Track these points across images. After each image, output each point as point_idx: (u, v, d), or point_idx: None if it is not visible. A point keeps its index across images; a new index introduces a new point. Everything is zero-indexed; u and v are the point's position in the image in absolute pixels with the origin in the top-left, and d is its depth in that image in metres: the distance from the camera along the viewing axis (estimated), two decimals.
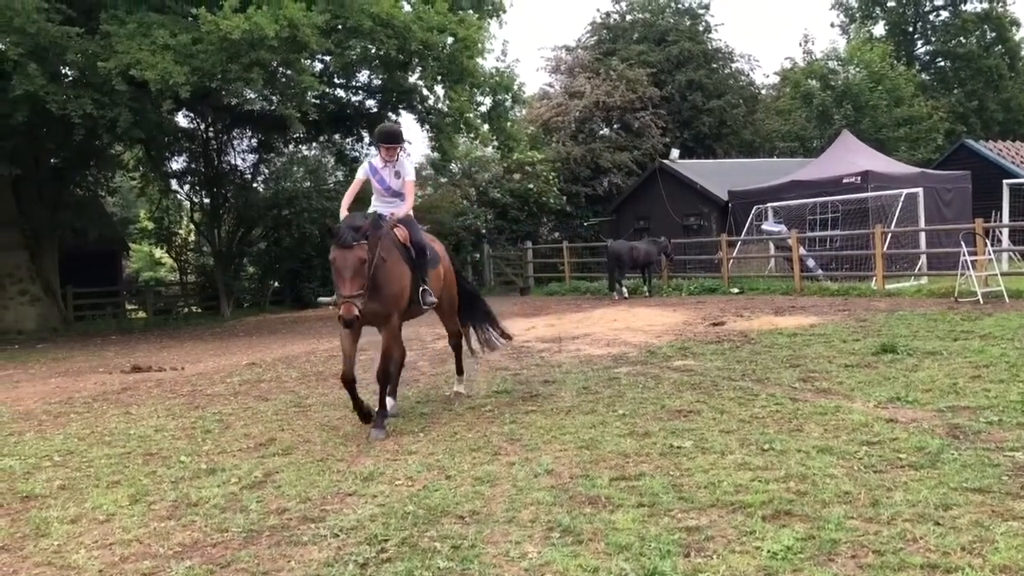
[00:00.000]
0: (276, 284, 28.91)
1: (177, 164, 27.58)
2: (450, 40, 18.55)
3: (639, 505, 4.77)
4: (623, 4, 36.09)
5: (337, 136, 26.07)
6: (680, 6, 36.15)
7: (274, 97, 19.63)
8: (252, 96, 21.58)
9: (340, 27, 17.79)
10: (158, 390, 10.59)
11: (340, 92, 23.84)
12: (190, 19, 16.72)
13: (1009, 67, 47.61)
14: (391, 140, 7.89)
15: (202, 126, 25.99)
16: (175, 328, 22.47)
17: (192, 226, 28.84)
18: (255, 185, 28.16)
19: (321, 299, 10.20)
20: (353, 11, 17.16)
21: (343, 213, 7.45)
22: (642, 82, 31.27)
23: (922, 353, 9.35)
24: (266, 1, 15.88)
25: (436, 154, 23.83)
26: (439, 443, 6.62)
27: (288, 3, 15.90)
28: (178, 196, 28.95)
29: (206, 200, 27.18)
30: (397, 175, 7.96)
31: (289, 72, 17.81)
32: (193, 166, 27.18)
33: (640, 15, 35.90)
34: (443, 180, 27.93)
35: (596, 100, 30.89)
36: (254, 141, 26.98)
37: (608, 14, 36.38)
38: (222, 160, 26.78)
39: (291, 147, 27.63)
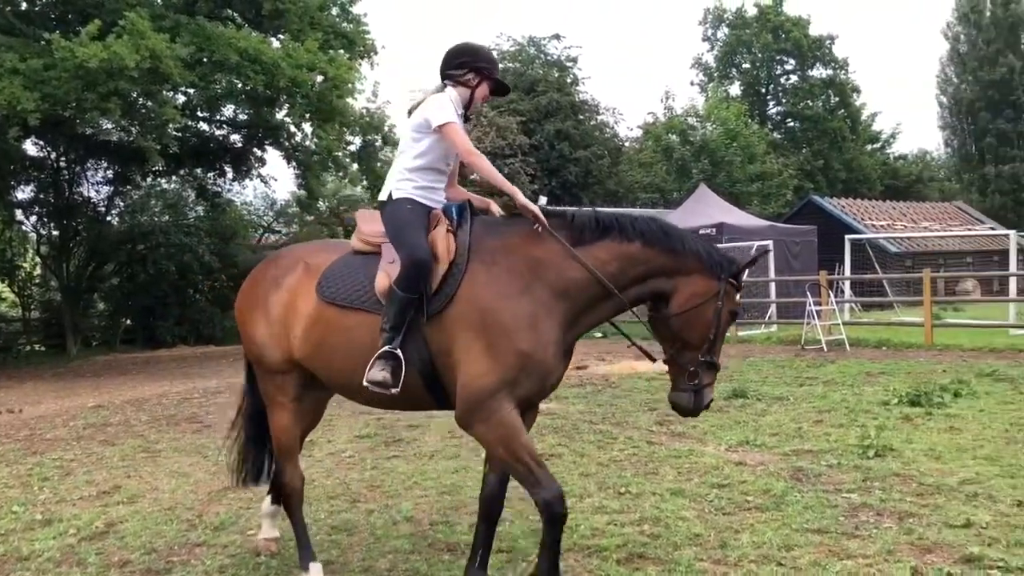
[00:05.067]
0: (128, 322, 27.55)
1: (23, 194, 26.00)
2: (320, 79, 18.40)
3: (498, 551, 4.76)
4: (494, 53, 36.85)
5: (199, 170, 25.30)
6: (549, 58, 37.16)
7: (133, 128, 18.86)
8: (109, 126, 20.69)
9: (205, 60, 17.36)
10: None
11: (203, 125, 23.21)
12: (42, 43, 15.95)
13: (851, 130, 51.25)
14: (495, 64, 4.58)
15: (53, 155, 24.67)
16: (15, 367, 21.03)
17: (38, 259, 27.19)
18: (109, 218, 26.89)
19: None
20: (219, 45, 16.79)
21: (510, 188, 4.11)
22: (512, 129, 31.84)
23: (770, 398, 9.80)
24: (127, 31, 15.34)
25: (302, 192, 23.49)
26: None
27: (151, 34, 15.41)
28: (23, 227, 27.28)
29: (55, 232, 25.72)
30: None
31: (150, 103, 17.20)
32: (41, 196, 25.68)
33: (510, 64, 36.65)
34: (309, 218, 27.47)
35: None
36: (110, 172, 25.81)
37: None
38: (74, 191, 25.47)
39: (149, 180, 26.56)
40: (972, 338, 17.05)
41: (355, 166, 22.37)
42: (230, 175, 25.56)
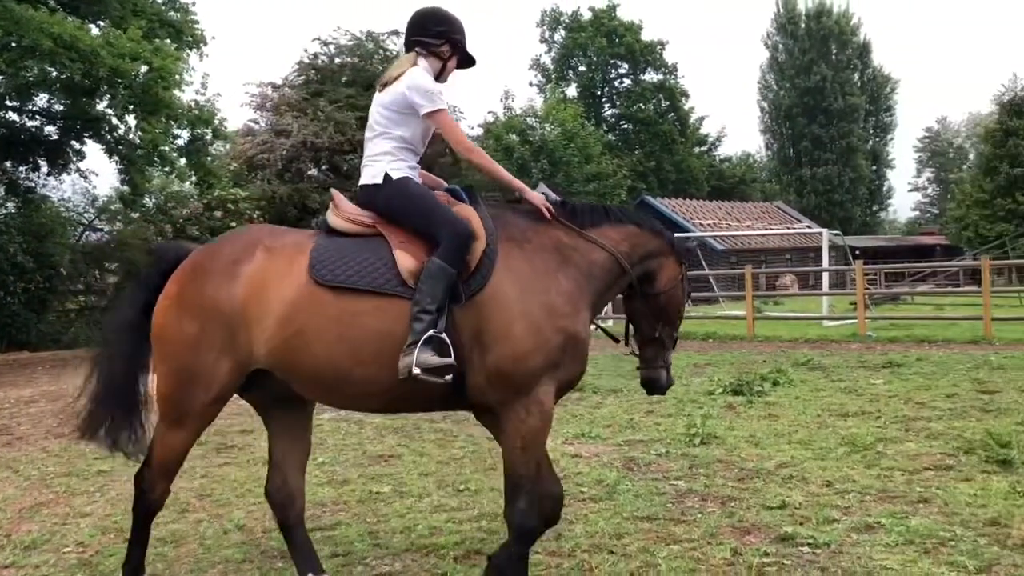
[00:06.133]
0: None
1: None
2: (144, 69, 17.48)
3: (333, 555, 4.68)
4: (331, 47, 36.12)
5: (9, 164, 23.49)
6: (388, 53, 36.82)
7: None
8: None
9: (14, 45, 16.14)
10: None
11: (13, 116, 21.57)
12: None
13: (680, 133, 53.69)
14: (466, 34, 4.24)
15: None
16: None
17: None
18: None
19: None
20: (30, 30, 15.63)
21: (517, 184, 4.14)
22: (351, 125, 31.32)
23: (605, 391, 10.12)
24: None
25: (126, 188, 22.29)
26: (118, 503, 6.07)
27: None
28: None
29: None
30: None
31: None
32: None
33: (348, 59, 36.08)
34: (134, 215, 26.04)
35: (303, 140, 30.48)
36: None
37: (316, 55, 36.23)
38: None
39: None
40: (790, 330, 18.24)
41: (183, 161, 21.43)
42: (45, 169, 23.86)
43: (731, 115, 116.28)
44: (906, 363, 11.99)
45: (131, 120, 19.92)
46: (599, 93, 55.37)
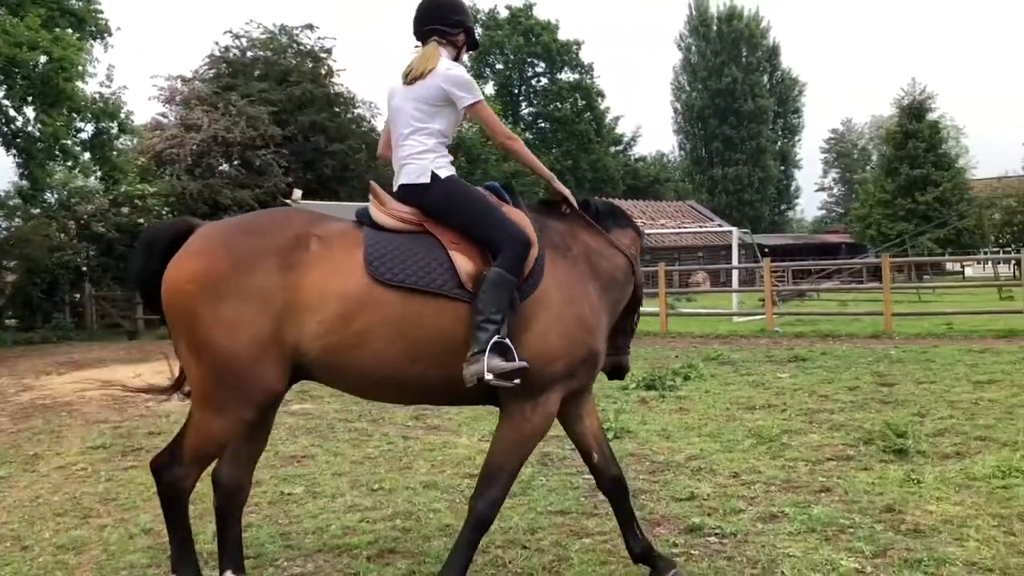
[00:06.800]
0: None
1: None
2: (43, 59, 16.82)
3: (244, 557, 4.59)
4: (243, 40, 35.37)
5: None
6: (302, 48, 36.27)
7: None
8: None
9: None
10: None
11: None
12: None
13: (596, 132, 54.31)
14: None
15: None
16: None
17: None
18: None
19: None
20: None
21: (547, 174, 4.27)
22: (263, 120, 30.74)
23: None
24: None
25: (25, 182, 21.40)
26: (15, 510, 5.84)
27: None
28: None
29: None
30: None
31: None
32: None
33: (261, 52, 35.39)
34: (35, 211, 25.02)
35: (214, 134, 29.77)
36: None
37: (227, 48, 35.43)
38: None
39: None
40: (701, 325, 18.65)
41: (87, 155, 20.71)
42: None
43: (646, 115, 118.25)
44: (811, 357, 12.40)
45: (30, 112, 19.20)
46: (516, 91, 55.62)
